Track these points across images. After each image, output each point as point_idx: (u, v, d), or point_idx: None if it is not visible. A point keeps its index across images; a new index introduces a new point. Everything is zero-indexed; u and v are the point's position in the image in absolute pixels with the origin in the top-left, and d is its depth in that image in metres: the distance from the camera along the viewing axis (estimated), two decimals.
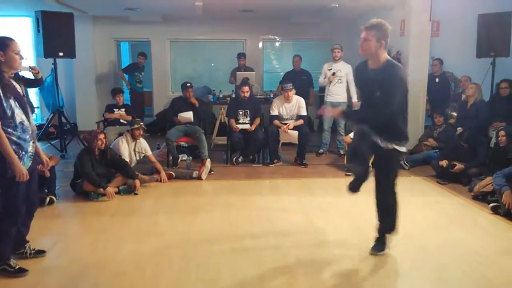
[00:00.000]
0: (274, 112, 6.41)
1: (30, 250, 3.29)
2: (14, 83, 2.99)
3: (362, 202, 4.61)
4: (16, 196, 2.91)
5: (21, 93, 3.01)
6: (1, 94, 2.76)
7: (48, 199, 4.52)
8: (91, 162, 4.79)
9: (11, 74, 4.93)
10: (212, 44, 9.64)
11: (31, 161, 2.93)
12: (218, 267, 3.16)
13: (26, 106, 2.97)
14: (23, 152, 2.86)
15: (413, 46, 6.92)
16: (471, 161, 5.26)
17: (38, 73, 5.34)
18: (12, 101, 2.82)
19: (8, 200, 2.92)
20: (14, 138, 2.80)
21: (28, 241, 3.31)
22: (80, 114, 8.88)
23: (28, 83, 5.42)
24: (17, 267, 3.03)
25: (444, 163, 5.42)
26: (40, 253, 3.33)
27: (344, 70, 6.77)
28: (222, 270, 3.12)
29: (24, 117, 2.88)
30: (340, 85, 6.80)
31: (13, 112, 2.80)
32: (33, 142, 2.97)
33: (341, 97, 6.82)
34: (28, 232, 3.31)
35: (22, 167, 2.82)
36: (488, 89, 6.26)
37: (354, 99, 6.92)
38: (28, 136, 2.90)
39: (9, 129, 2.78)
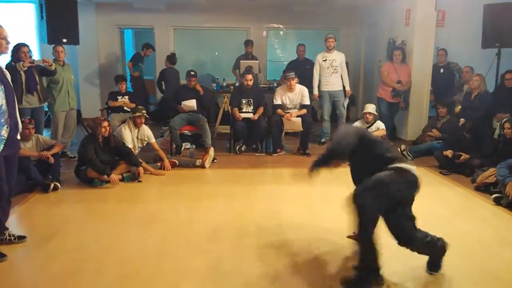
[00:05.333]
0: (277, 101, 6.40)
1: (11, 236, 3.26)
2: (2, 68, 2.98)
3: None
4: None
5: (7, 77, 3.00)
6: None
7: (52, 185, 4.56)
8: (95, 149, 4.80)
9: (24, 66, 4.99)
10: (216, 33, 9.59)
11: (3, 145, 2.90)
12: (220, 254, 3.19)
13: (11, 91, 2.97)
14: None
15: (418, 36, 6.88)
16: (475, 152, 5.26)
17: (51, 65, 5.38)
18: None
19: None
20: None
21: (7, 228, 3.29)
22: (84, 101, 8.86)
23: (41, 72, 5.45)
24: None
25: (449, 153, 5.41)
26: (21, 238, 3.31)
27: (338, 59, 6.89)
28: (224, 257, 3.14)
29: (4, 101, 2.87)
30: (336, 75, 6.92)
31: None
32: (7, 127, 2.93)
33: (337, 86, 6.98)
34: (7, 219, 3.30)
35: None
36: (493, 80, 6.23)
37: (347, 87, 7.00)
38: (3, 120, 2.89)
39: None
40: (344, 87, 7.01)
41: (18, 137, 3.08)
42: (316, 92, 6.93)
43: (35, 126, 4.85)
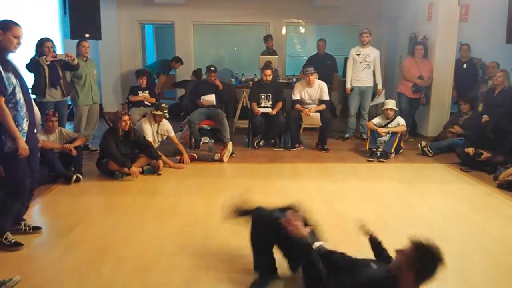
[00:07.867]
0: (296, 96, 6.38)
1: (26, 226, 3.34)
2: (14, 64, 3.06)
3: (383, 188, 4.61)
4: (18, 171, 2.99)
5: (20, 73, 3.08)
6: (1, 70, 2.83)
7: (74, 177, 4.65)
8: (115, 143, 4.88)
9: (47, 61, 5.12)
10: (235, 28, 9.61)
11: (25, 138, 3.00)
12: (239, 246, 3.21)
13: (25, 85, 3.05)
14: (19, 129, 2.95)
15: (440, 31, 6.75)
16: (497, 149, 5.16)
17: (74, 59, 5.49)
18: (13, 78, 2.90)
19: (10, 175, 3.00)
20: (12, 115, 2.90)
21: (24, 219, 3.36)
22: (105, 95, 9.00)
23: (64, 66, 5.57)
24: (12, 241, 3.12)
25: (470, 150, 5.32)
26: (37, 229, 3.39)
27: (372, 55, 6.76)
28: (243, 249, 3.16)
29: (21, 95, 2.97)
30: (368, 70, 6.79)
31: (14, 89, 2.90)
32: (27, 120, 3.03)
33: (368, 82, 6.87)
34: (26, 211, 3.37)
35: (24, 143, 2.92)
36: None
37: (379, 85, 6.91)
38: (23, 113, 2.98)
39: (9, 105, 2.89)
40: (375, 84, 6.94)
41: (35, 130, 3.16)
42: (348, 85, 6.86)
43: (58, 119, 4.96)
